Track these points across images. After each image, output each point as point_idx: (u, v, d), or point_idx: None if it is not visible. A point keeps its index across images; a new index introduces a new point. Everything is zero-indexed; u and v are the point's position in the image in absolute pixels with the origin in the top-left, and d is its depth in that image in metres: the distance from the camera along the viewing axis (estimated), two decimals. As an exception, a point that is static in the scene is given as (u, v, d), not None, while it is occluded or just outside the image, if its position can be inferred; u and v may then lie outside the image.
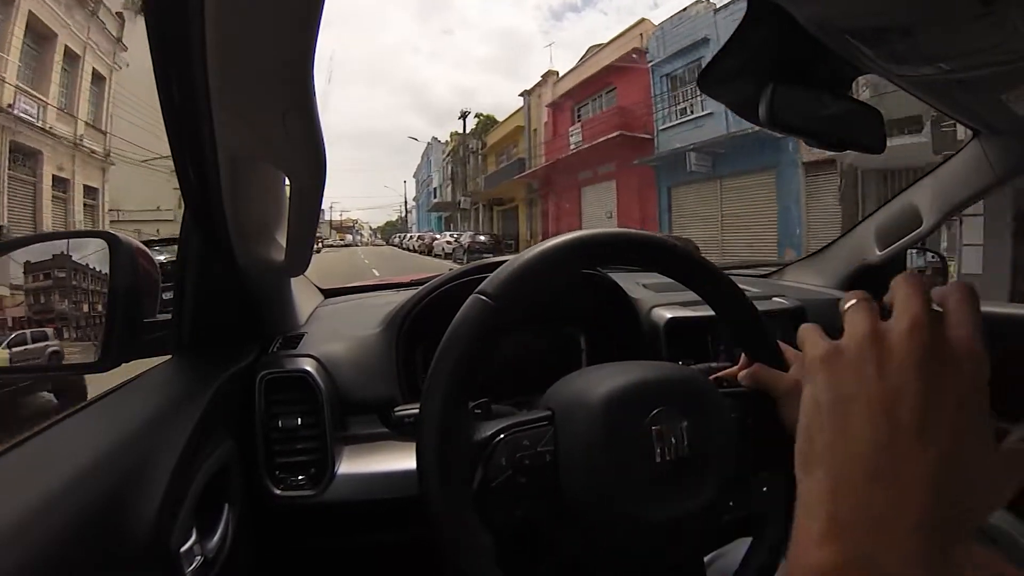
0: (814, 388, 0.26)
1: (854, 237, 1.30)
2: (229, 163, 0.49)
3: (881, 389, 0.24)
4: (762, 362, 0.49)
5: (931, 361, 0.24)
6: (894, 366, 0.24)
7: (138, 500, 0.40)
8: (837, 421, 0.25)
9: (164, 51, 0.41)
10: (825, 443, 0.25)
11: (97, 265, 0.57)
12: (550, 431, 0.38)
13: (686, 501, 0.39)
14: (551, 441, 0.38)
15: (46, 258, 0.59)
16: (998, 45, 0.52)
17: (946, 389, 0.24)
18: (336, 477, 0.62)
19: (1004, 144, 0.94)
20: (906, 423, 0.23)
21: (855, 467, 0.24)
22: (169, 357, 0.62)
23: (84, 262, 0.59)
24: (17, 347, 0.57)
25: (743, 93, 0.62)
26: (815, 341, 0.28)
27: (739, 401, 0.47)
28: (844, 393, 0.25)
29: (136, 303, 0.57)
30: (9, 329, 0.58)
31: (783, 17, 0.52)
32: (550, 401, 0.41)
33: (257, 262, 0.64)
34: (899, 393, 0.24)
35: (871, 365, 0.24)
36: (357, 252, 30.02)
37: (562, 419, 0.39)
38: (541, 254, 0.40)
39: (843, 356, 0.26)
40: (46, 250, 0.60)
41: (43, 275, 0.59)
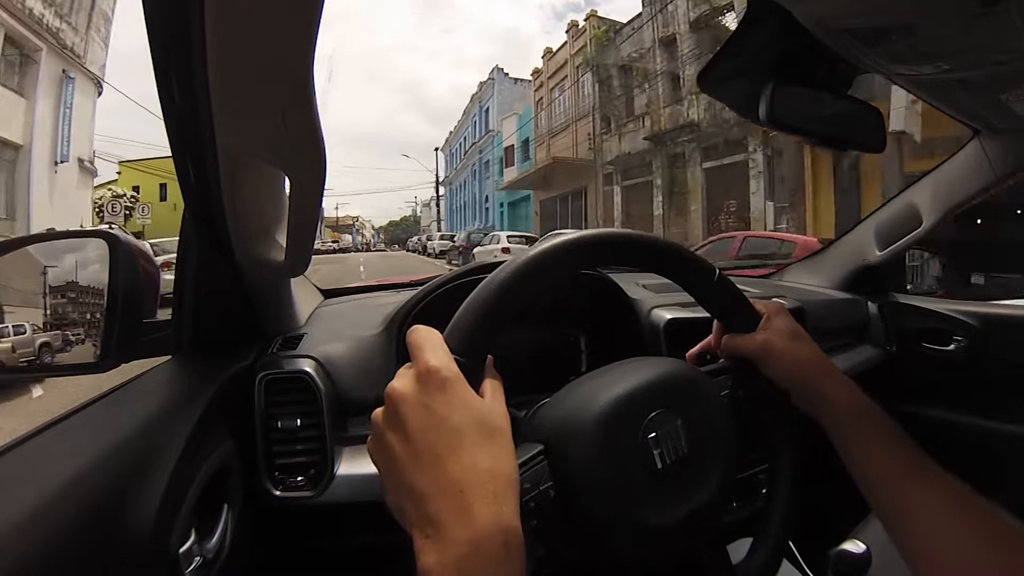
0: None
1: (854, 237, 1.30)
2: (229, 163, 0.49)
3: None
4: (739, 327, 0.49)
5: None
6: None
7: (138, 500, 0.40)
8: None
9: (163, 50, 0.41)
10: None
11: (97, 265, 0.57)
12: (546, 466, 0.37)
13: (692, 497, 0.38)
14: (549, 476, 0.37)
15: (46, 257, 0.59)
16: (998, 45, 0.52)
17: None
18: (335, 478, 0.62)
19: (1004, 143, 0.94)
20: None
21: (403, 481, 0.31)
22: (169, 357, 0.62)
23: (83, 262, 0.59)
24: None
25: (743, 92, 0.62)
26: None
27: (723, 375, 0.47)
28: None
29: (136, 303, 0.57)
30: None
31: (783, 16, 0.52)
32: (540, 431, 0.40)
33: (257, 262, 0.64)
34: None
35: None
36: (358, 267, 17.15)
37: (555, 449, 0.38)
38: (497, 289, 0.37)
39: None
40: (46, 250, 0.60)
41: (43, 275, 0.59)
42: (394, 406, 0.31)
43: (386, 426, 0.31)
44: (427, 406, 0.30)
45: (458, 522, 0.28)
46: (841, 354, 1.16)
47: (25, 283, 0.59)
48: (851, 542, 0.67)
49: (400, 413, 0.30)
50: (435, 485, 0.29)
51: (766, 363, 0.48)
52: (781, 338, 0.48)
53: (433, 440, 0.29)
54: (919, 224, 1.13)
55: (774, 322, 0.49)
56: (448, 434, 0.30)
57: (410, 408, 0.30)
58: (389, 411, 0.31)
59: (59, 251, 0.61)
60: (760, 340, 0.48)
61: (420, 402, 0.30)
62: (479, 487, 0.29)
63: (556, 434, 0.38)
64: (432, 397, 0.30)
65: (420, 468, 0.29)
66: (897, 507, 0.42)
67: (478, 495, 0.28)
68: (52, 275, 0.59)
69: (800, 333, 0.49)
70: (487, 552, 0.27)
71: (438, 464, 0.29)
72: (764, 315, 0.49)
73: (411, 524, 0.29)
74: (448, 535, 0.28)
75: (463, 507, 0.28)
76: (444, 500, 0.28)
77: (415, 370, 0.31)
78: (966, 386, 1.19)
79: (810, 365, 0.47)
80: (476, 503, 0.28)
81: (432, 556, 0.27)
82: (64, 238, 0.63)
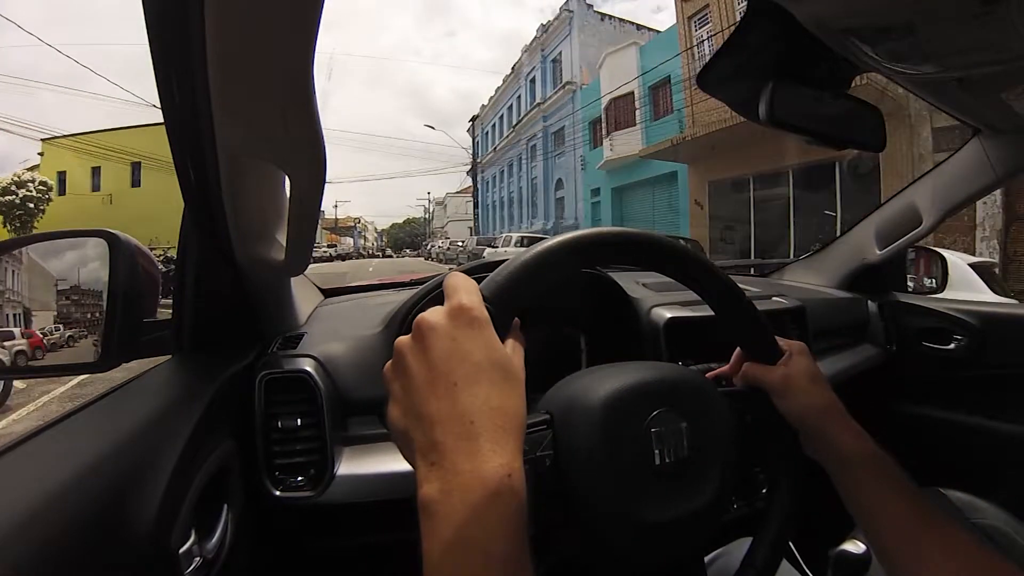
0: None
1: (854, 236, 1.30)
2: (229, 162, 0.49)
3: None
4: (760, 357, 0.50)
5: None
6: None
7: (138, 500, 0.40)
8: None
9: (163, 50, 0.41)
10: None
11: (97, 265, 0.57)
12: (549, 435, 0.38)
13: (687, 502, 0.38)
14: (550, 445, 0.37)
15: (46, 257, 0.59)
16: (998, 45, 0.52)
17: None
18: (335, 478, 0.62)
19: (1004, 143, 0.94)
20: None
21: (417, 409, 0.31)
22: (169, 357, 0.62)
23: (83, 261, 0.59)
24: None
25: (743, 92, 0.62)
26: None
27: (736, 400, 0.48)
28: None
29: (136, 303, 0.57)
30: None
31: (783, 16, 0.52)
32: (549, 404, 0.41)
33: (257, 262, 0.64)
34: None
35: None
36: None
37: (561, 422, 0.39)
38: (537, 255, 0.40)
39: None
40: (46, 249, 0.60)
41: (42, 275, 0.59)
42: (422, 333, 0.32)
43: (410, 350, 0.32)
44: (454, 338, 0.31)
45: (464, 450, 0.28)
46: (841, 353, 1.16)
47: (25, 283, 0.59)
48: (851, 542, 0.67)
49: (427, 340, 0.31)
50: (446, 411, 0.29)
51: (782, 398, 0.48)
52: (801, 378, 0.48)
53: (453, 369, 0.30)
54: (919, 223, 1.13)
55: (796, 360, 0.49)
56: (468, 367, 0.30)
57: (437, 337, 0.31)
58: (416, 337, 0.32)
59: (59, 250, 0.61)
60: (781, 374, 0.48)
61: (448, 333, 0.31)
62: (488, 421, 0.29)
63: (563, 409, 0.39)
64: (460, 331, 0.31)
65: (435, 394, 0.30)
66: (902, 555, 0.42)
67: (487, 428, 0.29)
68: (52, 274, 0.59)
69: (819, 376, 0.49)
70: (491, 484, 0.27)
71: (453, 393, 0.30)
72: (787, 352, 0.50)
73: (416, 451, 0.30)
74: (452, 463, 0.28)
75: (471, 436, 0.28)
76: (453, 427, 0.29)
77: (448, 306, 0.32)
78: (966, 385, 1.19)
79: (824, 410, 0.47)
80: (484, 435, 0.29)
81: (435, 484, 0.28)
82: (64, 237, 0.63)
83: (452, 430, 0.29)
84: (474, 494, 0.27)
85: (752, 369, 0.50)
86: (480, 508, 0.27)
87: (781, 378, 0.48)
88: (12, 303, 0.59)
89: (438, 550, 0.27)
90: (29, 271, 0.59)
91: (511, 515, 0.27)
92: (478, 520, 0.26)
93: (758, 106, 0.60)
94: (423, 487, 0.28)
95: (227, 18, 0.35)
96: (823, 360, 1.06)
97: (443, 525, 0.27)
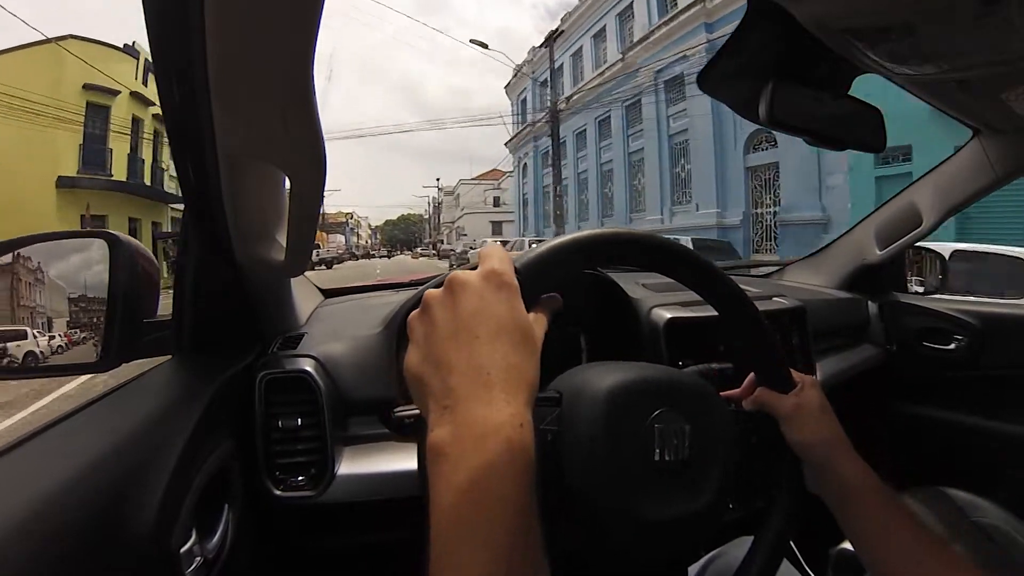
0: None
1: (854, 237, 1.30)
2: (229, 163, 0.49)
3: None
4: (773, 385, 0.51)
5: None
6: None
7: (138, 500, 0.40)
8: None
9: (163, 50, 0.41)
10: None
11: (97, 265, 0.57)
12: (556, 411, 0.39)
13: (683, 503, 0.39)
14: (555, 421, 0.38)
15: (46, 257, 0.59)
16: (998, 45, 0.52)
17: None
18: (336, 478, 0.62)
19: (1004, 143, 0.94)
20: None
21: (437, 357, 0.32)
22: (169, 357, 0.62)
23: (83, 262, 0.59)
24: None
25: (743, 92, 0.62)
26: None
27: (745, 420, 0.48)
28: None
29: (136, 303, 0.57)
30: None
31: (783, 17, 0.52)
32: (560, 385, 0.41)
33: (257, 262, 0.64)
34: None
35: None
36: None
37: (569, 403, 0.39)
38: (574, 241, 0.41)
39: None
40: (46, 250, 0.60)
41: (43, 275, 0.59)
42: (453, 288, 0.33)
43: (439, 302, 0.33)
44: (482, 296, 0.32)
45: (479, 399, 0.29)
46: (841, 353, 1.16)
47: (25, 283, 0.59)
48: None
49: (456, 294, 0.32)
50: (465, 362, 0.30)
51: (792, 427, 0.49)
52: (812, 409, 0.49)
53: (477, 324, 0.31)
54: (919, 224, 1.13)
55: (808, 393, 0.50)
56: (492, 324, 0.31)
57: (467, 293, 0.32)
58: (447, 290, 0.33)
59: (59, 251, 0.61)
60: (792, 404, 0.49)
61: (477, 291, 0.32)
62: (505, 375, 0.30)
63: (572, 391, 0.40)
64: (489, 291, 0.32)
65: (456, 344, 0.31)
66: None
67: (502, 380, 0.29)
68: (52, 275, 0.59)
69: (828, 410, 0.50)
70: (503, 432, 0.27)
71: (474, 345, 0.30)
72: (800, 384, 0.51)
73: (430, 395, 0.30)
74: (466, 408, 0.28)
75: (486, 386, 0.29)
76: (470, 375, 0.29)
77: (481, 269, 0.34)
78: (966, 385, 1.19)
79: (832, 443, 0.48)
80: (498, 387, 0.29)
81: (446, 428, 0.28)
82: (64, 238, 0.63)
83: (468, 378, 0.29)
84: (486, 440, 0.27)
85: (764, 395, 0.51)
86: (491, 453, 0.27)
87: (792, 407, 0.49)
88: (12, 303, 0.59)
89: (448, 493, 0.26)
90: (29, 272, 0.59)
91: (521, 465, 0.27)
92: (489, 465, 0.26)
93: (758, 107, 0.60)
94: (434, 430, 0.28)
95: (227, 18, 0.35)
96: (823, 360, 1.06)
97: (453, 468, 0.27)
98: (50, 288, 0.59)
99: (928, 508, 0.82)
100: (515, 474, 0.27)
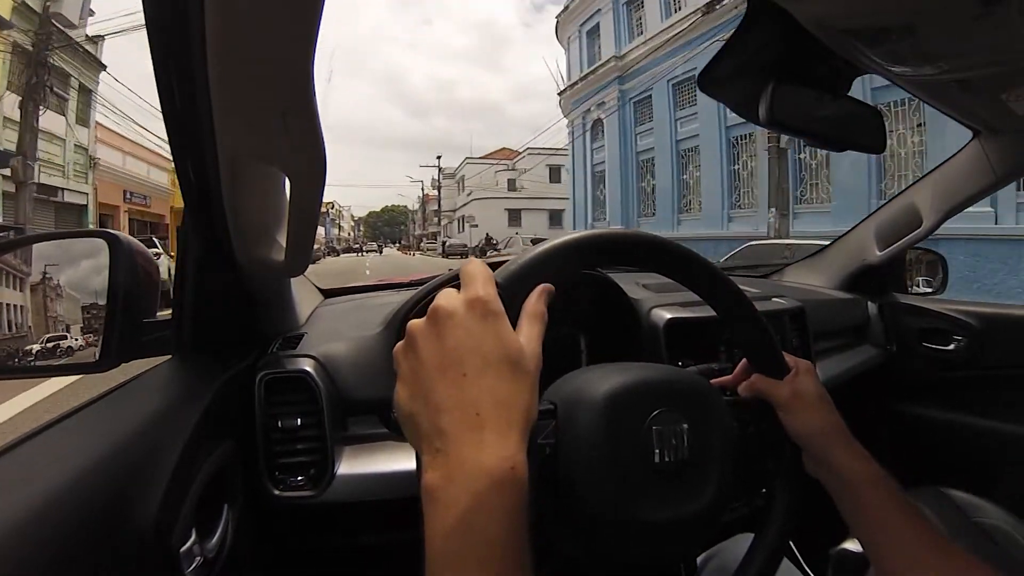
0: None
1: (854, 237, 1.30)
2: (229, 163, 0.49)
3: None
4: (765, 370, 0.50)
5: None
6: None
7: (138, 500, 0.40)
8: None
9: (164, 52, 0.41)
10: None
11: (96, 265, 0.57)
12: (551, 424, 0.38)
13: (684, 503, 0.39)
14: (552, 434, 0.38)
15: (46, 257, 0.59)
16: (998, 45, 0.52)
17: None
18: (336, 478, 0.62)
19: (1004, 144, 0.94)
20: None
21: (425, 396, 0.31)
22: (169, 357, 0.62)
23: (83, 262, 0.59)
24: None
25: (743, 93, 0.62)
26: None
27: (742, 410, 0.48)
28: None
29: (136, 303, 0.57)
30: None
31: (783, 17, 0.52)
32: (554, 395, 0.41)
33: (257, 262, 0.64)
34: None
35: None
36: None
37: (564, 413, 0.39)
38: (548, 250, 0.40)
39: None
40: (46, 250, 0.60)
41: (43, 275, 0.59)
42: (436, 319, 0.32)
43: (423, 334, 0.32)
44: (468, 329, 0.31)
45: (469, 441, 0.28)
46: (841, 354, 1.16)
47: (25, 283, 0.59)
48: (851, 542, 0.67)
49: (441, 326, 0.32)
50: (454, 400, 0.30)
51: (789, 415, 0.48)
52: (809, 396, 0.49)
53: (464, 359, 0.30)
54: (919, 224, 1.13)
55: (803, 379, 0.50)
56: (479, 359, 0.31)
57: (453, 325, 0.31)
58: (430, 321, 0.32)
59: (59, 251, 0.61)
60: (789, 391, 0.49)
61: (462, 323, 0.31)
62: (495, 412, 0.29)
63: (567, 400, 0.39)
64: (474, 322, 0.32)
65: (444, 381, 0.30)
66: (907, 570, 0.42)
67: (492, 419, 0.29)
68: (52, 275, 0.59)
69: (825, 396, 0.49)
70: (494, 475, 0.28)
71: (462, 382, 0.30)
72: (794, 369, 0.50)
73: (421, 437, 0.30)
74: (457, 452, 0.28)
75: (476, 427, 0.29)
76: (459, 415, 0.29)
77: (465, 296, 0.33)
78: (966, 385, 1.19)
79: (830, 430, 0.48)
80: (489, 426, 0.29)
81: (438, 472, 0.28)
82: (64, 238, 0.63)
83: (458, 419, 0.29)
84: (477, 483, 0.27)
85: (760, 382, 0.50)
86: (482, 496, 0.27)
87: (789, 394, 0.48)
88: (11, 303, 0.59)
89: (440, 535, 0.27)
90: (29, 272, 0.59)
91: (513, 506, 0.28)
92: (480, 508, 0.27)
93: (758, 108, 0.60)
94: (427, 473, 0.29)
95: (227, 20, 0.35)
96: (823, 360, 1.06)
97: (445, 511, 0.27)
98: (51, 287, 0.59)
99: (928, 508, 0.82)
100: (506, 516, 0.27)
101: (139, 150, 16.25)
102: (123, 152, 15.54)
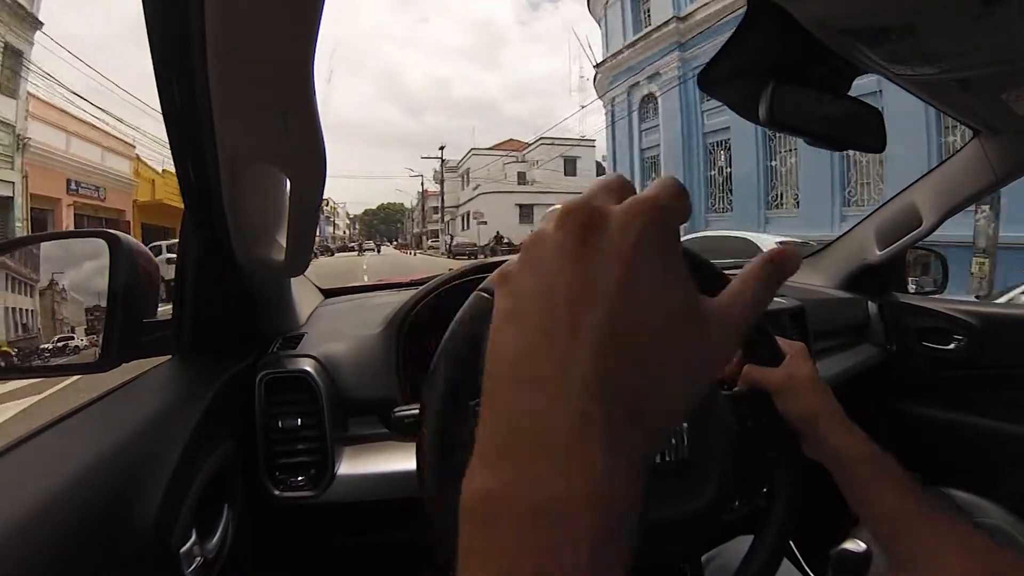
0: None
1: (854, 237, 1.30)
2: (229, 164, 0.49)
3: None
4: (760, 358, 0.50)
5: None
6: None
7: (138, 500, 0.40)
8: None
9: (164, 52, 0.41)
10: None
11: (97, 265, 0.57)
12: None
13: (686, 503, 0.39)
14: None
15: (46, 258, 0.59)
16: (998, 45, 0.52)
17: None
18: (336, 478, 0.62)
19: (1004, 143, 0.94)
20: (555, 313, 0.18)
21: (503, 375, 0.19)
22: (169, 357, 0.62)
23: (84, 262, 0.59)
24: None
25: (743, 93, 0.62)
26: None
27: (738, 403, 0.48)
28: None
29: (136, 303, 0.57)
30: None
31: (783, 17, 0.52)
32: None
33: (257, 262, 0.64)
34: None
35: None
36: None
37: None
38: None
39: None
40: (46, 250, 0.60)
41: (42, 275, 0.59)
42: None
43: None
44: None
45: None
46: (841, 353, 1.16)
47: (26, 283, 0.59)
48: (851, 542, 0.67)
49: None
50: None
51: (784, 400, 0.48)
52: (803, 379, 0.49)
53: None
54: (919, 224, 1.13)
55: (798, 363, 0.50)
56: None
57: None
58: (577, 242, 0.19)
59: (59, 251, 0.61)
60: (783, 375, 0.49)
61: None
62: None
63: None
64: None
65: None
66: (903, 548, 0.42)
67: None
68: (52, 275, 0.59)
69: (819, 379, 0.50)
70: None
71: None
72: (788, 354, 0.51)
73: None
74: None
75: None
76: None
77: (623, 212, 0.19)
78: (966, 385, 1.19)
79: (825, 412, 0.48)
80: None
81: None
82: (64, 238, 0.63)
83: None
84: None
85: (754, 371, 0.51)
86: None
87: (784, 379, 0.49)
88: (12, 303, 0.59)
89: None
90: (29, 272, 0.59)
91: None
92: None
93: (758, 107, 0.60)
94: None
95: (227, 20, 0.35)
96: (823, 360, 1.06)
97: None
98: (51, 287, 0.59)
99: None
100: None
101: (90, 131, 12.68)
102: (67, 132, 12.17)
